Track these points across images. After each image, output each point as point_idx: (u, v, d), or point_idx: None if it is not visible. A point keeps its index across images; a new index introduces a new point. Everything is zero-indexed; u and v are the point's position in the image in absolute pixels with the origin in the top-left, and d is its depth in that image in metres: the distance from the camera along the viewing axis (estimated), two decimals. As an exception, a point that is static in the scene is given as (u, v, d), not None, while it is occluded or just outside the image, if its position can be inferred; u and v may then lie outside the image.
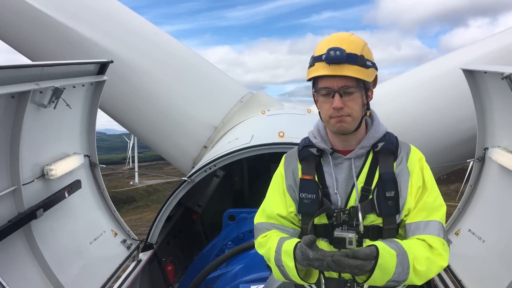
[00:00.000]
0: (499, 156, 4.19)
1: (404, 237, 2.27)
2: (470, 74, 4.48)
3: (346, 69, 2.12)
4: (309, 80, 2.30)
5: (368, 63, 2.19)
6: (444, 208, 2.30)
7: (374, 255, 1.94)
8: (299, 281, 2.20)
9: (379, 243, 2.02)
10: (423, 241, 2.15)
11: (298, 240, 2.17)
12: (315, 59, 2.21)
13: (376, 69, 2.28)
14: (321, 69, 2.16)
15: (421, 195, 2.27)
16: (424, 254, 2.09)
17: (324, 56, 2.14)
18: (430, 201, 2.26)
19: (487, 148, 4.54)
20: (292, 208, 2.43)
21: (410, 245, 2.11)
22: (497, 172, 4.34)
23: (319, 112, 2.33)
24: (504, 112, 4.19)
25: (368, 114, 2.34)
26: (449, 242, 2.31)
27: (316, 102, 2.36)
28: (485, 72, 4.19)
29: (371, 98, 2.32)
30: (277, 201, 2.49)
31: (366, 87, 2.23)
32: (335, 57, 2.10)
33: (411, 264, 2.02)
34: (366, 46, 2.24)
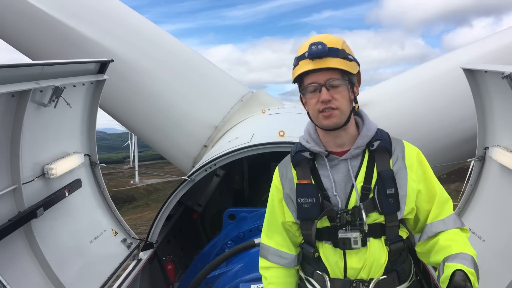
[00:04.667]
0: (499, 155, 4.19)
1: (423, 235, 2.34)
2: (470, 73, 4.47)
3: (329, 62, 2.18)
4: (295, 81, 2.33)
5: (350, 57, 2.24)
6: (450, 199, 2.40)
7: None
8: None
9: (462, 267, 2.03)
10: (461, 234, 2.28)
11: None
12: (298, 59, 2.27)
13: (358, 64, 2.31)
14: (305, 65, 2.22)
15: (428, 190, 2.31)
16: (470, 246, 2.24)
17: (307, 53, 2.19)
18: (439, 194, 2.33)
19: (488, 148, 4.54)
20: (288, 217, 2.43)
21: (466, 245, 2.22)
22: (498, 172, 4.34)
23: (307, 112, 2.35)
24: (505, 111, 4.19)
25: (357, 107, 2.37)
26: None
27: (304, 104, 2.38)
28: (485, 72, 4.19)
29: (357, 94, 2.35)
30: (277, 218, 2.50)
31: (351, 82, 2.27)
32: (318, 51, 2.16)
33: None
34: (345, 43, 2.29)
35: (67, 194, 4.48)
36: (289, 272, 2.49)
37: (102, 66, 4.94)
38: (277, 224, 2.50)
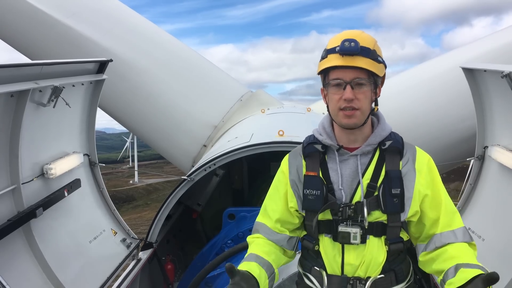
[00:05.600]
0: (498, 154, 4.19)
1: (430, 245, 2.31)
2: (469, 72, 4.47)
3: (359, 61, 2.16)
4: (320, 73, 2.33)
5: (379, 58, 2.24)
6: (457, 212, 2.38)
7: None
8: None
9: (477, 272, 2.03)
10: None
11: (247, 268, 2.23)
12: (328, 51, 2.24)
13: (385, 67, 2.31)
14: (334, 60, 2.20)
15: (434, 197, 2.30)
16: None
17: (338, 47, 2.18)
18: (446, 203, 2.32)
19: (487, 147, 4.54)
20: (293, 203, 2.43)
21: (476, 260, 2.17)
22: (497, 171, 4.34)
23: (327, 106, 2.35)
24: (504, 110, 4.19)
25: (376, 109, 2.37)
26: None
27: (324, 96, 2.38)
28: (485, 71, 4.18)
29: (379, 96, 2.35)
30: (277, 202, 2.51)
31: (375, 83, 2.27)
32: (350, 48, 2.14)
33: None
34: (377, 44, 2.29)
35: (66, 194, 4.48)
36: (274, 246, 2.47)
37: (101, 66, 4.94)
38: (272, 215, 2.50)
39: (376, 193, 2.25)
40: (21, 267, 3.82)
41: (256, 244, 2.46)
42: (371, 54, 2.18)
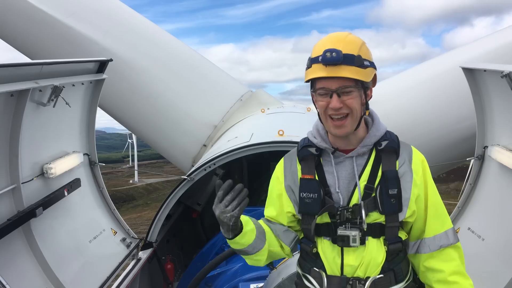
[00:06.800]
0: (498, 154, 4.19)
1: (424, 248, 2.33)
2: (469, 72, 4.47)
3: (343, 70, 2.11)
4: (307, 81, 2.31)
5: (366, 62, 2.18)
6: (446, 212, 2.40)
7: None
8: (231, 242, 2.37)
9: None
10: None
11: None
12: (312, 61, 2.21)
13: (375, 68, 2.26)
14: (318, 71, 2.16)
15: (427, 199, 2.30)
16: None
17: (320, 57, 2.13)
18: (439, 205, 2.32)
19: (487, 147, 4.54)
20: (290, 208, 2.43)
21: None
22: (497, 170, 4.34)
23: (318, 112, 2.33)
24: (504, 110, 4.19)
25: (367, 113, 2.35)
26: None
27: (314, 102, 2.35)
28: (484, 71, 4.19)
29: (370, 97, 2.32)
30: (271, 206, 2.53)
31: (364, 86, 2.22)
32: (331, 58, 2.09)
33: None
34: (364, 45, 2.22)
35: (66, 193, 4.48)
36: (271, 233, 2.47)
37: (101, 66, 4.94)
38: (272, 210, 2.53)
39: (373, 195, 2.24)
40: (21, 267, 3.83)
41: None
42: (355, 61, 2.12)
